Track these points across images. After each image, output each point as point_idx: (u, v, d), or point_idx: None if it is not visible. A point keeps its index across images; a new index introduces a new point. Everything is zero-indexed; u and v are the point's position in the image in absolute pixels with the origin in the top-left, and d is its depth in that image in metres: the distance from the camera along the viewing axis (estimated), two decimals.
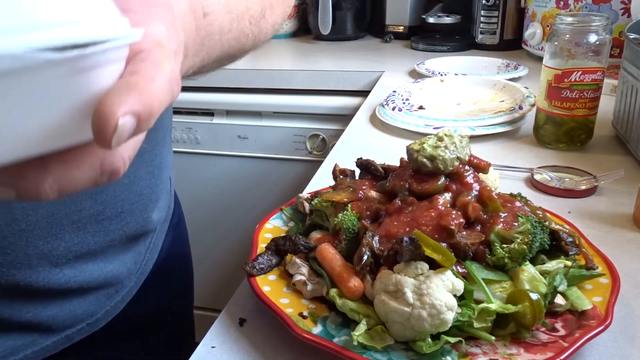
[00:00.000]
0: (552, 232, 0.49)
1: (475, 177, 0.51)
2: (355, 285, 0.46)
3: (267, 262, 0.51)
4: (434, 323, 0.41)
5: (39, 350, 0.52)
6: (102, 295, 0.57)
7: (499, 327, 0.43)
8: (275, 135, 1.34)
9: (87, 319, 0.56)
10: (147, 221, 0.59)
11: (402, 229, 0.47)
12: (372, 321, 0.44)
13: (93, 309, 0.56)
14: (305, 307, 0.46)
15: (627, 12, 1.17)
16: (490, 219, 0.48)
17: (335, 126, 1.29)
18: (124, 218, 0.55)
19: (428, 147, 0.50)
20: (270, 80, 1.34)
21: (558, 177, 0.72)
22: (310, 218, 0.58)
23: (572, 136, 0.82)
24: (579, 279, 0.47)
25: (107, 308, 0.59)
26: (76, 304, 0.54)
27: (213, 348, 0.46)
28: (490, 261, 0.46)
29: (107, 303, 0.59)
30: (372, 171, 0.59)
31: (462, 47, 1.53)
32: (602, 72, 0.78)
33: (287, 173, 1.37)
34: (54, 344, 0.54)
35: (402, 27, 1.66)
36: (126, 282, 0.61)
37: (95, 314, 0.57)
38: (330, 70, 1.31)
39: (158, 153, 0.60)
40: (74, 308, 0.54)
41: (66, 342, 0.55)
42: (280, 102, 1.33)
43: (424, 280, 0.42)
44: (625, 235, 0.61)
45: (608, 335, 0.45)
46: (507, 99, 1.01)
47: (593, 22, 0.77)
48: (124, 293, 0.61)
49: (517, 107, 0.92)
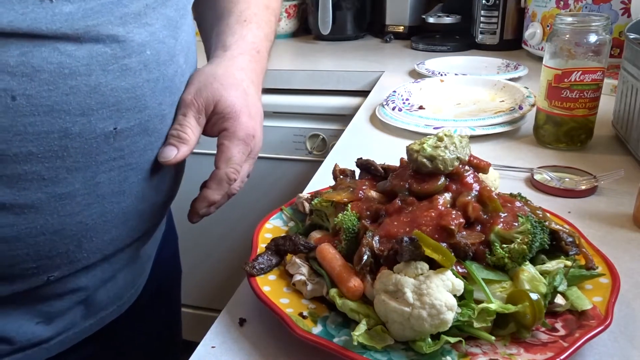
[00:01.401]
0: (552, 232, 0.49)
1: (475, 177, 0.51)
2: (355, 285, 0.46)
3: (267, 262, 0.51)
4: (434, 323, 0.41)
5: (79, 332, 0.57)
6: (129, 276, 0.61)
7: (499, 327, 0.43)
8: (275, 135, 1.34)
9: (117, 301, 0.61)
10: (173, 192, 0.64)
11: (402, 229, 0.47)
12: (372, 321, 0.44)
13: (121, 292, 0.61)
14: (305, 307, 0.46)
15: (627, 12, 1.17)
16: (490, 219, 0.48)
17: (335, 126, 1.29)
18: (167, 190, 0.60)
19: (428, 147, 0.50)
20: (270, 80, 1.34)
21: (558, 177, 0.72)
22: (310, 218, 0.58)
23: (572, 136, 0.82)
24: (579, 279, 0.47)
25: (132, 291, 0.63)
26: (114, 283, 0.58)
27: (213, 348, 0.46)
28: (490, 261, 0.46)
29: (132, 285, 0.63)
30: (372, 171, 0.59)
31: (462, 47, 1.53)
32: (602, 72, 0.78)
33: (287, 173, 1.37)
34: (90, 326, 0.58)
35: (402, 27, 1.66)
36: (146, 265, 0.66)
37: (122, 296, 0.61)
38: (330, 70, 1.31)
39: None
40: (108, 290, 0.58)
41: (100, 324, 0.59)
42: (280, 102, 1.33)
43: (424, 280, 0.42)
44: (625, 235, 0.61)
45: (608, 335, 0.45)
46: (507, 99, 1.01)
47: (593, 22, 0.77)
48: (143, 276, 0.65)
49: (517, 107, 0.92)
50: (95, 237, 0.50)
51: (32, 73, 0.41)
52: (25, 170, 0.43)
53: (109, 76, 0.45)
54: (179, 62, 0.54)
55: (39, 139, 0.43)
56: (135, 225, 0.54)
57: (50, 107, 0.42)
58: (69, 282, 0.52)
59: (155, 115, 0.51)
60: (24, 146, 0.42)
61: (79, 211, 0.47)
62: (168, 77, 0.52)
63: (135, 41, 0.47)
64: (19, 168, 0.43)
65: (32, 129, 0.42)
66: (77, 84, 0.43)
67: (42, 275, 0.48)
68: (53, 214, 0.46)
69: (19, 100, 0.41)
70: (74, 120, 0.44)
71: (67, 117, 0.43)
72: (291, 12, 1.71)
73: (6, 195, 0.43)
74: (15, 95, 0.41)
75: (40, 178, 0.44)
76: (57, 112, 0.43)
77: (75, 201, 0.46)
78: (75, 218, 0.47)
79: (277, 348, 0.46)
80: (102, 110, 0.45)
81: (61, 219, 0.46)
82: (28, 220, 0.44)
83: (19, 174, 0.43)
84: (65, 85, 0.43)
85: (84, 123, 0.44)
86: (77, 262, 0.50)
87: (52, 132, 0.43)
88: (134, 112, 0.48)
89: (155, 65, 0.50)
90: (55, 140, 0.43)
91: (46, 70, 0.42)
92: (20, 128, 0.42)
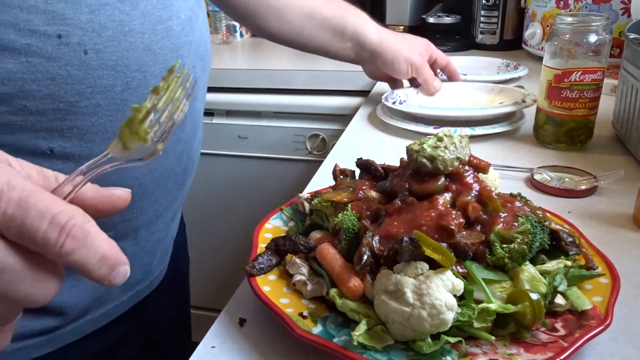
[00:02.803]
0: (552, 232, 0.49)
1: (475, 177, 0.51)
2: (355, 285, 0.46)
3: (267, 262, 0.51)
4: (434, 323, 0.41)
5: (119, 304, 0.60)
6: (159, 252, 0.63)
7: (499, 327, 0.43)
8: (275, 135, 1.34)
9: (149, 276, 0.63)
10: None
11: (402, 229, 0.47)
12: (372, 321, 0.44)
13: (153, 267, 0.63)
14: (305, 307, 0.46)
15: (627, 12, 1.17)
16: (490, 219, 0.48)
17: (335, 126, 1.29)
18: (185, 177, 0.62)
19: (428, 148, 0.50)
20: (270, 80, 1.34)
21: (558, 177, 0.72)
22: (310, 218, 0.58)
23: (572, 136, 0.82)
24: (579, 279, 0.47)
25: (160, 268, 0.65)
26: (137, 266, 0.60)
27: (213, 348, 0.46)
28: (490, 261, 0.46)
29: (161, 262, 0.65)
30: (372, 171, 0.59)
31: (462, 47, 1.53)
32: (602, 72, 0.78)
33: (287, 173, 1.37)
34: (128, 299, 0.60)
35: (402, 27, 1.66)
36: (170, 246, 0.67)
37: (154, 272, 0.64)
38: (330, 70, 1.31)
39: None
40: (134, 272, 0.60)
41: (135, 298, 0.62)
42: (280, 102, 1.33)
43: (424, 280, 0.42)
44: (625, 235, 0.61)
45: (608, 335, 0.45)
46: (506, 100, 1.00)
47: (593, 22, 0.77)
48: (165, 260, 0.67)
49: (521, 101, 0.91)
50: (146, 195, 0.54)
51: (99, 29, 0.45)
52: (93, 122, 0.46)
53: (157, 35, 0.50)
54: (202, 30, 0.59)
55: (105, 92, 0.46)
56: (171, 190, 0.58)
57: (115, 61, 0.46)
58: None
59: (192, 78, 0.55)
60: (93, 98, 0.46)
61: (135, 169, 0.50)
62: (196, 42, 0.57)
63: (174, 5, 0.52)
64: (88, 120, 0.46)
65: (101, 82, 0.46)
66: (135, 41, 0.48)
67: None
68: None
69: (90, 54, 0.45)
70: (133, 75, 0.48)
71: (127, 71, 0.47)
72: None
73: (75, 147, 0.46)
74: (87, 49, 0.45)
75: (104, 130, 0.47)
76: (120, 66, 0.47)
77: None
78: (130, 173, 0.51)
79: (277, 348, 0.46)
80: (154, 67, 0.50)
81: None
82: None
83: (87, 127, 0.46)
84: (126, 41, 0.47)
85: (140, 79, 0.49)
86: (132, 221, 0.54)
87: (115, 86, 0.47)
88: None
89: (189, 30, 0.55)
90: (118, 93, 0.47)
91: (110, 28, 0.46)
92: (91, 81, 0.45)
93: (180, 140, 0.57)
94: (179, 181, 0.60)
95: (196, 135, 0.62)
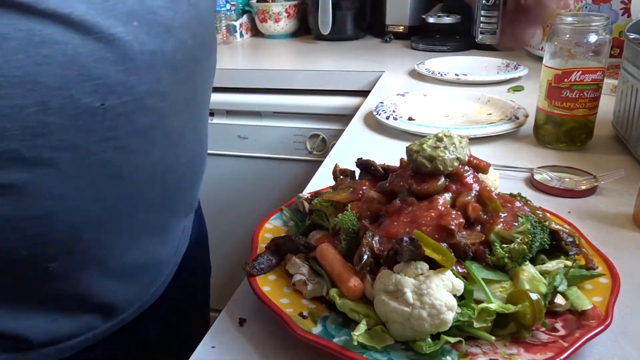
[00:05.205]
0: (552, 232, 0.49)
1: (475, 177, 0.51)
2: (355, 285, 0.46)
3: (267, 262, 0.51)
4: (434, 323, 0.41)
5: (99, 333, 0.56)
6: (153, 274, 0.60)
7: (499, 327, 0.43)
8: (275, 135, 1.34)
9: (137, 301, 0.59)
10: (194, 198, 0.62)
11: (402, 229, 0.47)
12: (372, 321, 0.44)
13: (142, 292, 0.59)
14: (305, 307, 0.46)
15: (627, 12, 1.18)
16: (490, 219, 0.48)
17: (335, 126, 1.29)
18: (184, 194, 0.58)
19: (427, 148, 0.50)
20: (270, 80, 1.34)
21: (558, 177, 0.72)
22: (310, 218, 0.58)
23: (572, 136, 0.82)
24: (579, 279, 0.47)
25: (154, 288, 0.62)
26: (131, 285, 0.56)
27: (213, 348, 0.46)
28: (490, 261, 0.46)
29: (153, 284, 0.62)
30: (372, 171, 0.59)
31: (462, 47, 1.53)
32: (602, 72, 0.78)
33: (287, 173, 1.37)
34: (109, 328, 0.56)
35: (402, 27, 1.66)
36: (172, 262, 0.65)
37: (144, 296, 0.60)
38: (330, 70, 1.31)
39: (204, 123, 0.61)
40: (130, 290, 0.56)
41: (120, 324, 0.58)
42: (280, 102, 1.33)
43: (424, 280, 0.42)
44: (625, 235, 0.61)
45: (608, 335, 0.45)
46: (495, 111, 1.00)
47: (593, 22, 0.77)
48: (167, 274, 0.64)
49: (514, 117, 0.91)
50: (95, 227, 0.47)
51: None
52: (2, 147, 0.39)
53: (90, 46, 0.40)
54: (180, 36, 0.48)
55: (12, 114, 0.39)
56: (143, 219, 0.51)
57: (21, 78, 0.38)
58: (73, 276, 0.49)
59: (154, 93, 0.46)
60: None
61: (72, 196, 0.43)
62: (167, 51, 0.47)
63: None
64: None
65: (4, 102, 0.38)
66: (52, 53, 0.39)
67: (39, 264, 0.45)
68: (39, 197, 0.42)
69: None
70: (52, 94, 0.40)
71: (42, 89, 0.39)
72: (291, 12, 1.71)
73: None
74: None
75: (19, 157, 0.40)
76: (31, 83, 0.39)
77: (68, 182, 0.43)
78: (68, 203, 0.44)
79: (277, 348, 0.46)
80: (84, 83, 0.41)
81: (51, 202, 0.43)
82: (11, 200, 0.41)
83: None
84: (37, 54, 0.39)
85: (64, 97, 0.40)
86: (77, 254, 0.47)
87: (26, 107, 0.39)
88: (125, 87, 0.43)
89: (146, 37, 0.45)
90: (31, 115, 0.39)
91: (14, 38, 0.38)
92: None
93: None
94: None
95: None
